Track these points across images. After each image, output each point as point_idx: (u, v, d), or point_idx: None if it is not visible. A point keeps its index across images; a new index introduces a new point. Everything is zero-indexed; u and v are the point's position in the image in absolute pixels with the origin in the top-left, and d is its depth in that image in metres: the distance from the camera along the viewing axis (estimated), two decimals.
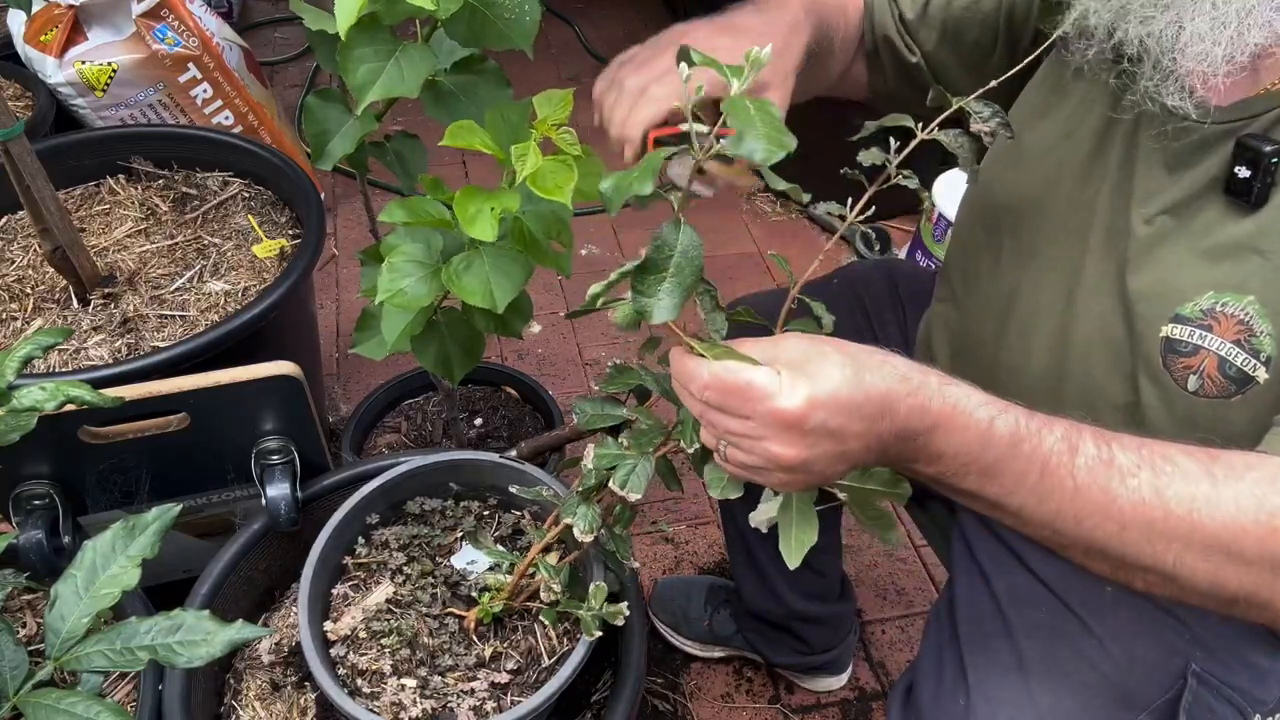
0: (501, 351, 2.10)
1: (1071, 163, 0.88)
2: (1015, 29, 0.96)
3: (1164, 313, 0.78)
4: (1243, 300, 0.75)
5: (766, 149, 0.57)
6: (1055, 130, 0.90)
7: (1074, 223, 0.88)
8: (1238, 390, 0.76)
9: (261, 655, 1.02)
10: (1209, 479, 0.65)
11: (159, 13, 2.00)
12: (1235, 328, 0.75)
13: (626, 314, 0.72)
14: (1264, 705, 0.87)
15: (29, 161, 1.23)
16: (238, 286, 1.47)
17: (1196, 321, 0.77)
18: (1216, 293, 0.76)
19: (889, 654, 1.61)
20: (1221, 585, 0.65)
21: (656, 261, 0.63)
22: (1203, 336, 0.76)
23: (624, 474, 0.77)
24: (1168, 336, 0.78)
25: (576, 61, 3.09)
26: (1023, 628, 0.90)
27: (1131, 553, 0.66)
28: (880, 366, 0.63)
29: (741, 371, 0.62)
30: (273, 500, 1.07)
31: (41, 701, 0.71)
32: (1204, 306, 0.76)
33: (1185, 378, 0.78)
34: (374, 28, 0.88)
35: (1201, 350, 0.77)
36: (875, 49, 1.03)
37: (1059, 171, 0.89)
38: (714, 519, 1.79)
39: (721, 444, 0.66)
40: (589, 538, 0.83)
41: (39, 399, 0.81)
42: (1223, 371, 0.76)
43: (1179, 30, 0.72)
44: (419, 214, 0.92)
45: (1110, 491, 0.65)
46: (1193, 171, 0.78)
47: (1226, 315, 0.75)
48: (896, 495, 0.69)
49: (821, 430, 0.61)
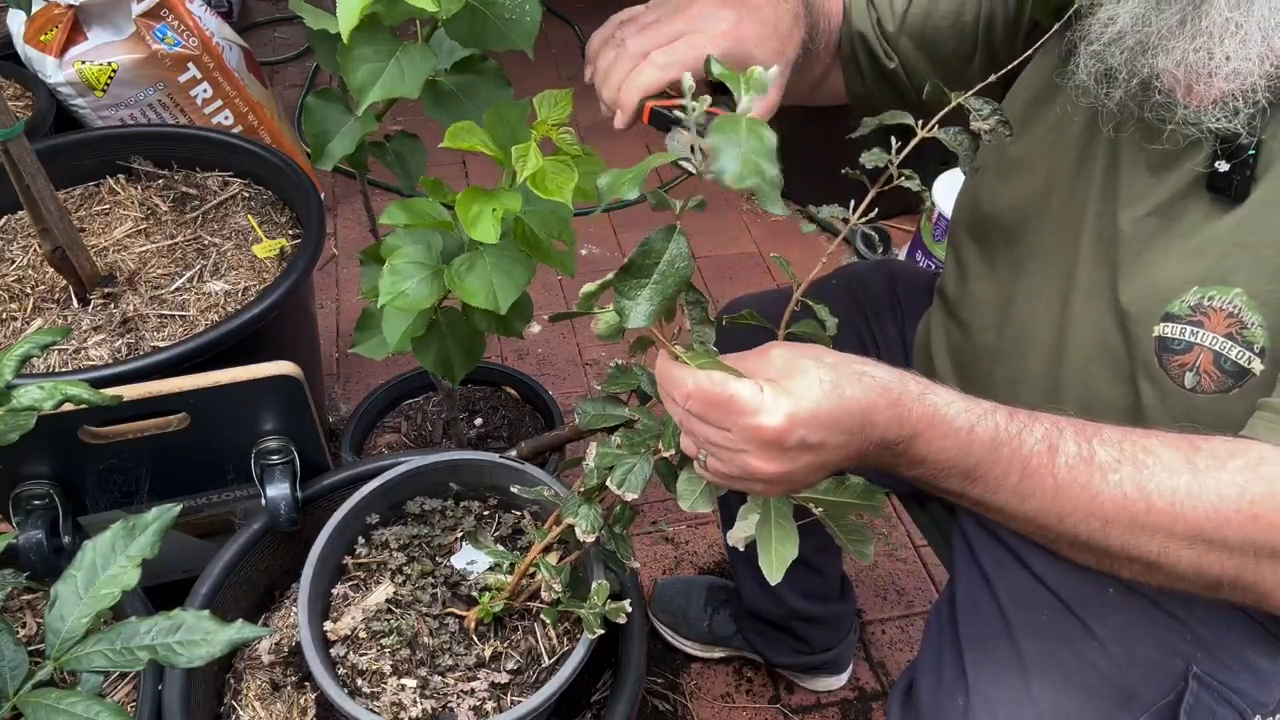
0: (501, 351, 2.10)
1: (1058, 171, 0.88)
2: (994, 41, 0.95)
3: (1155, 313, 0.78)
4: (1229, 293, 0.74)
5: (738, 173, 0.52)
6: (1040, 140, 0.90)
7: (1064, 231, 0.88)
8: (1235, 384, 0.76)
9: (261, 655, 1.02)
10: (1190, 469, 0.66)
11: (159, 13, 2.00)
12: (1226, 321, 0.75)
13: (609, 324, 0.71)
14: (1265, 707, 0.87)
15: (29, 161, 1.23)
16: (238, 286, 1.47)
17: (1186, 318, 0.77)
18: (1202, 287, 0.76)
19: (889, 654, 1.61)
20: (1205, 571, 0.67)
21: (640, 266, 0.61)
22: (1194, 333, 0.76)
23: (621, 474, 0.77)
24: (1160, 335, 0.78)
25: (576, 61, 3.10)
26: (1023, 628, 0.90)
27: (1116, 545, 0.68)
28: (859, 379, 0.64)
29: (725, 384, 0.62)
30: (273, 500, 1.06)
31: (41, 701, 0.71)
32: (1191, 303, 0.76)
33: (1181, 375, 0.78)
34: (374, 28, 0.88)
35: (1195, 346, 0.77)
36: (853, 53, 1.02)
37: (1047, 181, 0.89)
38: (714, 519, 1.79)
39: (701, 453, 0.67)
40: (591, 538, 0.83)
41: (37, 398, 0.81)
42: (1219, 366, 0.76)
43: (1209, 57, 0.71)
44: (420, 215, 0.92)
45: (1092, 489, 0.66)
46: (1176, 172, 0.78)
47: (1215, 309, 0.75)
48: (870, 508, 0.69)
49: (802, 445, 0.62)
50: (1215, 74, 0.71)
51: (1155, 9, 0.72)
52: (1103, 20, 0.76)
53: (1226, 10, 0.69)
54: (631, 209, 2.51)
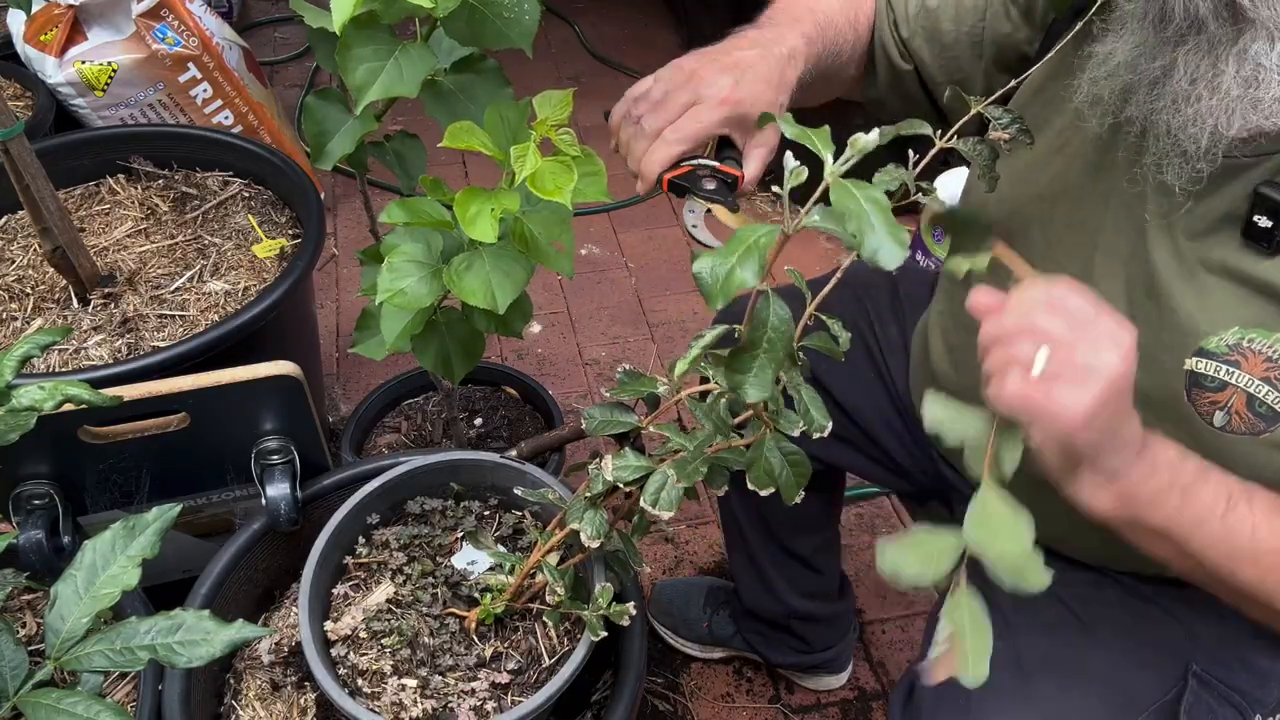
0: (501, 351, 2.10)
1: (1067, 178, 0.86)
2: (1001, 50, 0.95)
3: (1185, 345, 0.77)
4: (1271, 338, 0.73)
5: (893, 250, 0.55)
6: (1048, 145, 0.88)
7: (1073, 242, 0.85)
8: (1267, 427, 0.74)
9: (261, 655, 1.02)
10: None
11: (159, 12, 2.00)
12: (1264, 365, 0.73)
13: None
14: (1264, 706, 0.87)
15: (29, 161, 1.23)
16: (238, 286, 1.47)
17: (1223, 357, 0.75)
18: (1243, 328, 0.74)
19: (889, 654, 1.61)
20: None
21: (754, 341, 0.62)
22: (1230, 373, 0.74)
23: (654, 491, 0.75)
24: (1192, 370, 0.76)
25: (576, 61, 3.09)
26: (1023, 628, 0.90)
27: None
28: None
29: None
30: (273, 500, 1.06)
31: (41, 701, 0.71)
32: (1230, 342, 0.74)
33: (1211, 413, 0.76)
34: (373, 27, 0.88)
35: (1229, 386, 0.75)
36: (871, 55, 1.03)
37: (1053, 188, 0.87)
38: (714, 519, 1.79)
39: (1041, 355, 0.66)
40: (596, 544, 0.82)
41: (38, 398, 0.81)
42: (1251, 409, 0.74)
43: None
44: (419, 214, 0.92)
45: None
46: (1207, 201, 0.75)
47: (1255, 352, 0.74)
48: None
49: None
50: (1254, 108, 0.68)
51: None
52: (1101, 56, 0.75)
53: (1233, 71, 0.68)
54: (632, 209, 2.51)
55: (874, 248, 0.55)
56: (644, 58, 3.10)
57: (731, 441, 0.77)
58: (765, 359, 0.62)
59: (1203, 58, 0.67)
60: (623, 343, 2.16)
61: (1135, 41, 0.72)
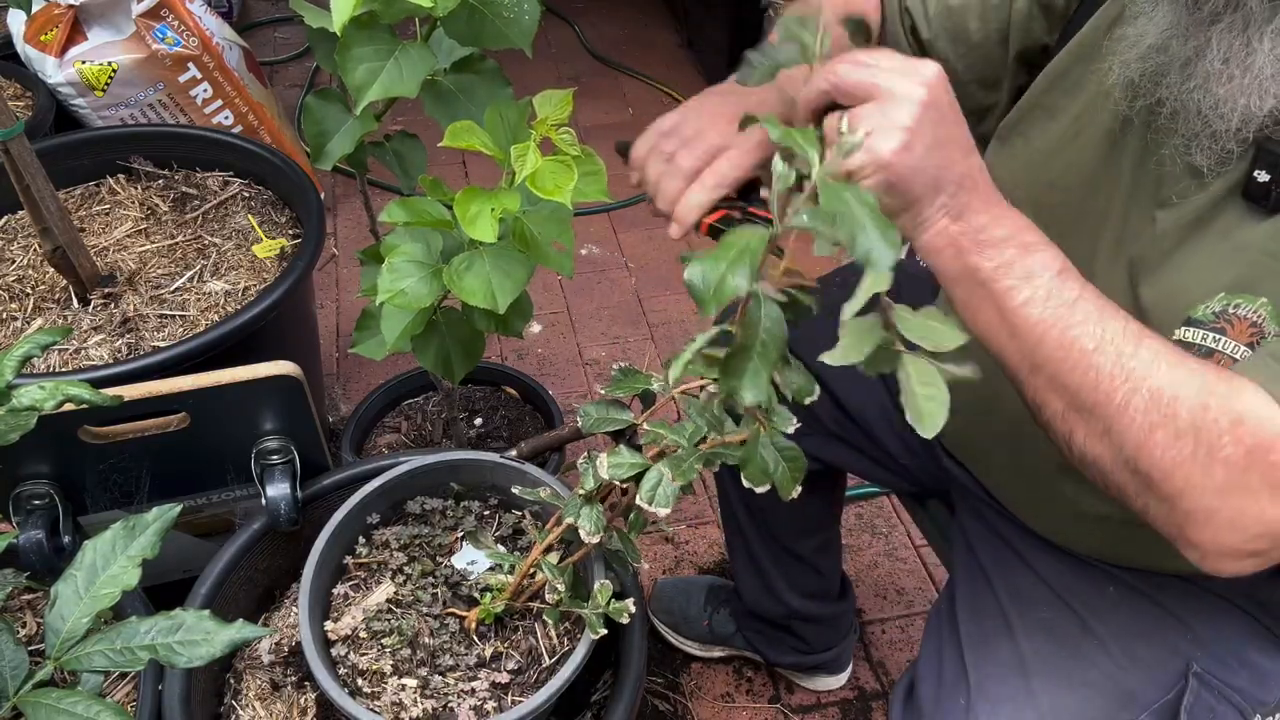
0: (501, 351, 2.10)
1: (1080, 165, 0.86)
2: (1026, 44, 0.95)
3: (1177, 315, 0.77)
4: (1255, 303, 0.73)
5: (885, 251, 0.54)
6: (1063, 131, 0.88)
7: (1082, 226, 0.86)
8: None
9: (261, 655, 1.02)
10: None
11: (159, 12, 2.00)
12: (1249, 330, 0.74)
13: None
14: (1265, 706, 0.87)
15: (29, 161, 1.23)
16: (238, 286, 1.47)
17: (1209, 324, 0.75)
18: (1228, 294, 0.74)
19: (889, 654, 1.61)
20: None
21: (745, 347, 0.62)
22: (1216, 339, 0.75)
23: (650, 488, 0.75)
24: (1181, 340, 0.76)
25: (576, 61, 3.09)
26: (1024, 627, 0.90)
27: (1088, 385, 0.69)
28: None
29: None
30: (273, 500, 1.07)
31: (41, 701, 0.71)
32: (1216, 309, 0.75)
33: None
34: (373, 27, 0.88)
35: (1216, 354, 0.75)
36: None
37: (1066, 175, 0.88)
38: (714, 519, 1.79)
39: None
40: (595, 539, 0.82)
41: (38, 398, 0.81)
42: None
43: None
44: (419, 214, 0.92)
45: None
46: (1216, 177, 0.76)
47: (1240, 318, 0.74)
48: None
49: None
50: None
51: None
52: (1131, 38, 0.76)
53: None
54: (631, 209, 2.51)
55: (866, 248, 0.54)
56: (644, 58, 3.10)
57: (725, 437, 0.77)
58: (759, 361, 0.62)
59: (1236, 36, 0.68)
60: (623, 343, 2.16)
61: (1168, 22, 0.72)
